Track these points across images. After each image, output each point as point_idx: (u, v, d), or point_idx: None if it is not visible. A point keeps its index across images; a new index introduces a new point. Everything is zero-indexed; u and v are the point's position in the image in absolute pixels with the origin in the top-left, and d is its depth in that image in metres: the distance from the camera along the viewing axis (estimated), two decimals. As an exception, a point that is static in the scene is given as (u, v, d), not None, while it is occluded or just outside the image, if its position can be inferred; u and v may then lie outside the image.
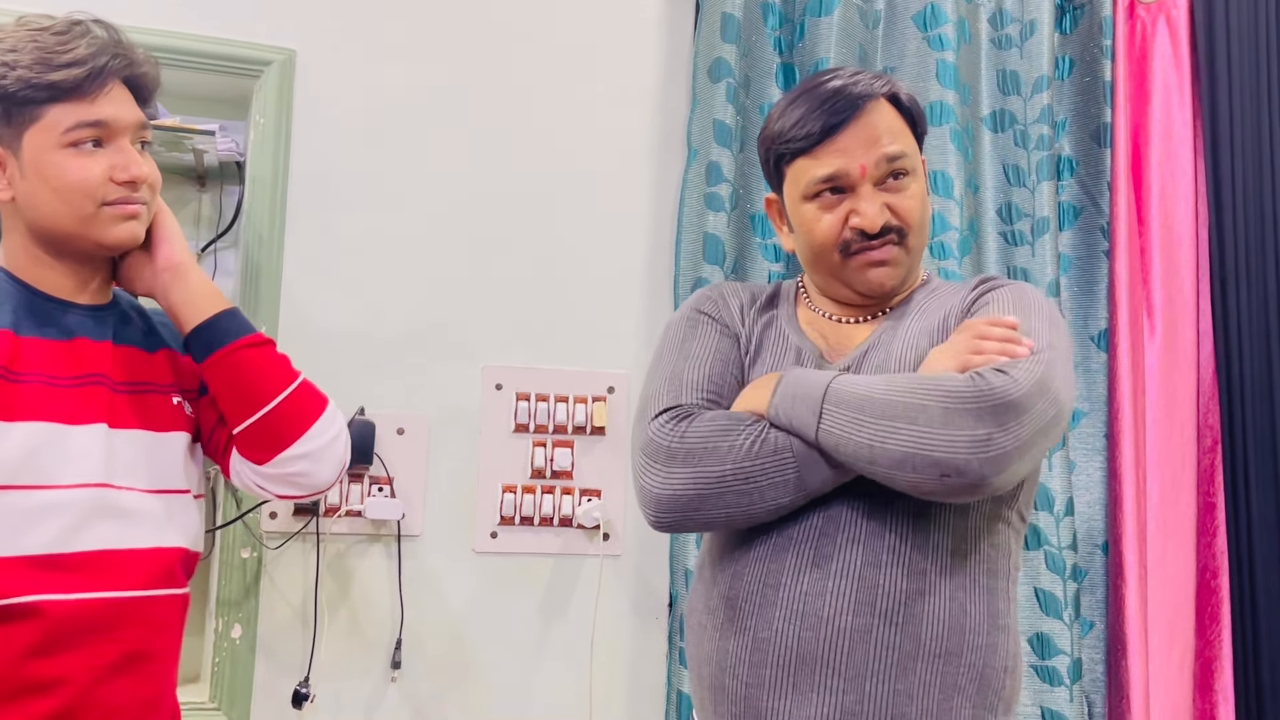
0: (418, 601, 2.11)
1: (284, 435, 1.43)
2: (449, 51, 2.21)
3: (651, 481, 1.40)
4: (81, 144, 1.32)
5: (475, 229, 2.20)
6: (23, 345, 1.32)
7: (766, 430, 1.36)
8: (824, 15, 2.28)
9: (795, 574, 1.35)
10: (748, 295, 1.59)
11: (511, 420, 2.19)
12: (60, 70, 1.30)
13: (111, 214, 1.34)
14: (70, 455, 1.31)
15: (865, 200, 1.44)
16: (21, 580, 1.25)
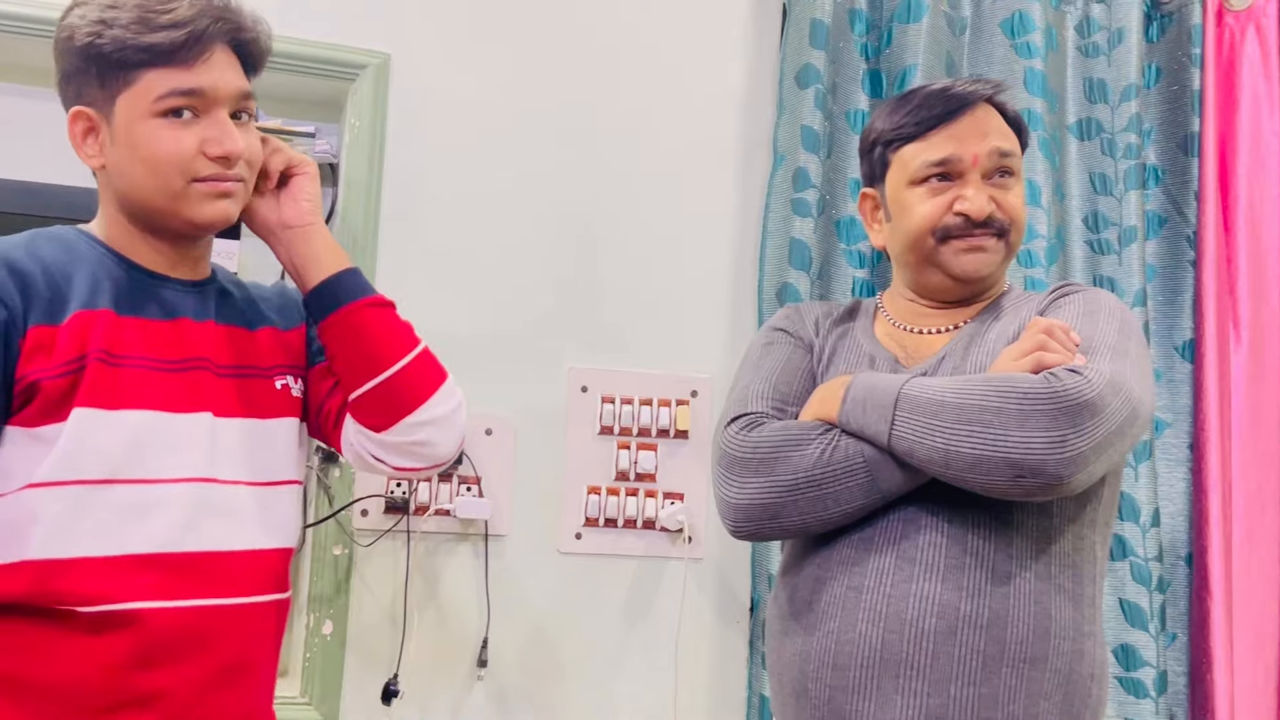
0: (504, 601, 2.13)
1: (407, 400, 1.34)
2: (539, 57, 2.23)
3: (728, 491, 1.43)
4: (175, 113, 1.22)
5: (563, 232, 2.22)
6: (124, 325, 1.24)
7: (837, 438, 1.38)
8: (912, 22, 2.28)
9: (878, 577, 1.36)
10: (825, 309, 1.63)
11: (596, 422, 2.21)
12: (159, 32, 1.20)
13: (202, 191, 1.24)
14: (174, 447, 1.24)
15: (973, 187, 1.46)
16: (122, 584, 1.19)
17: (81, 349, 1.19)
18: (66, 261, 1.23)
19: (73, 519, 1.17)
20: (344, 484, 2.05)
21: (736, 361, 2.23)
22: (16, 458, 1.17)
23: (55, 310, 1.19)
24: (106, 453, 1.19)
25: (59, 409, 1.17)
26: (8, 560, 1.16)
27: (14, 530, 1.16)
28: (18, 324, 1.16)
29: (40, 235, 1.26)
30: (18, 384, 1.17)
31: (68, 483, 1.17)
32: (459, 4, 2.20)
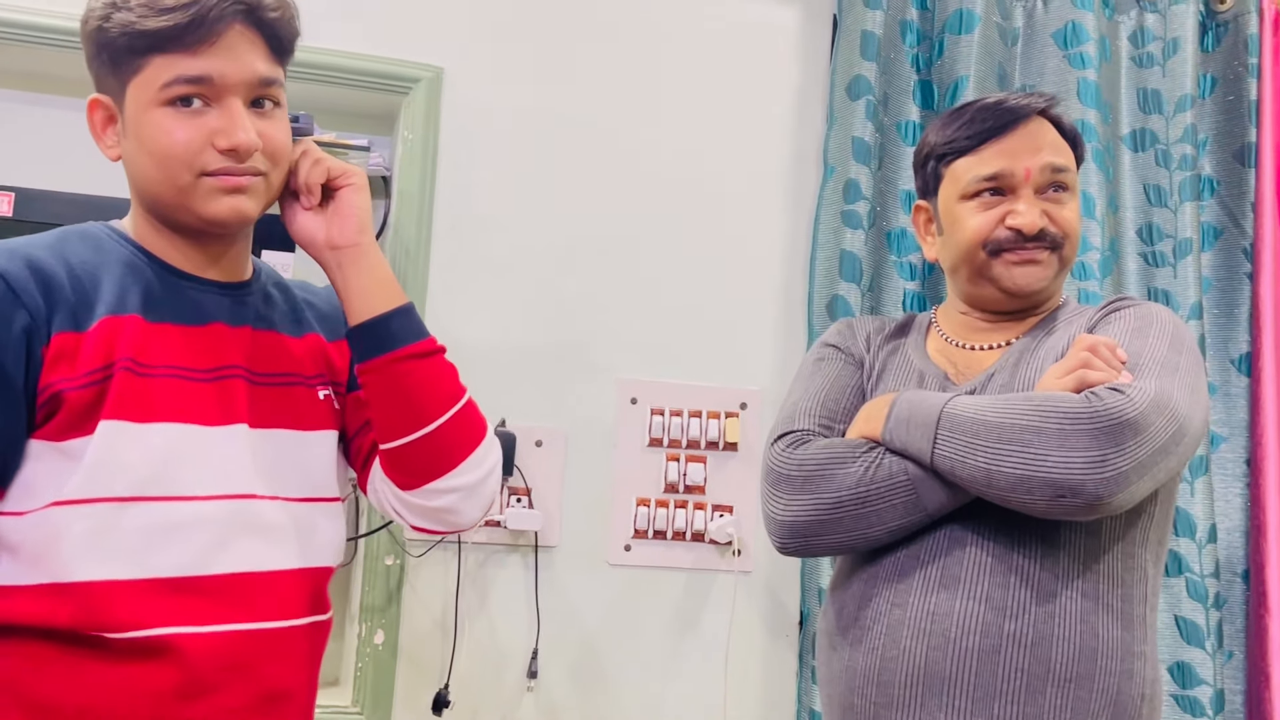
0: (554, 612, 2.13)
1: (438, 463, 1.24)
2: (590, 70, 2.24)
3: (773, 508, 1.44)
4: (183, 102, 1.13)
5: (613, 245, 2.22)
6: (154, 332, 1.15)
7: (881, 456, 1.38)
8: (964, 33, 2.27)
9: (923, 594, 1.36)
10: (877, 324, 1.63)
11: (646, 434, 2.21)
12: (164, 15, 1.10)
13: (211, 186, 1.14)
14: (208, 462, 1.15)
15: (1025, 202, 1.45)
16: (154, 609, 1.11)
17: (108, 357, 1.11)
18: (95, 263, 1.16)
19: (100, 539, 1.10)
20: (396, 494, 2.06)
21: (787, 373, 2.24)
22: (42, 473, 1.10)
23: (81, 315, 1.12)
24: (135, 469, 1.11)
25: (85, 422, 1.10)
26: (34, 581, 1.10)
27: (40, 550, 1.10)
28: (41, 330, 1.09)
29: (70, 234, 1.19)
30: (41, 394, 1.09)
31: (94, 500, 1.10)
32: (511, 18, 2.21)
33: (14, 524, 1.10)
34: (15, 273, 1.09)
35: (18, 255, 1.11)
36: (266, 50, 1.17)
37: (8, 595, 1.10)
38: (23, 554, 1.10)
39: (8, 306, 1.08)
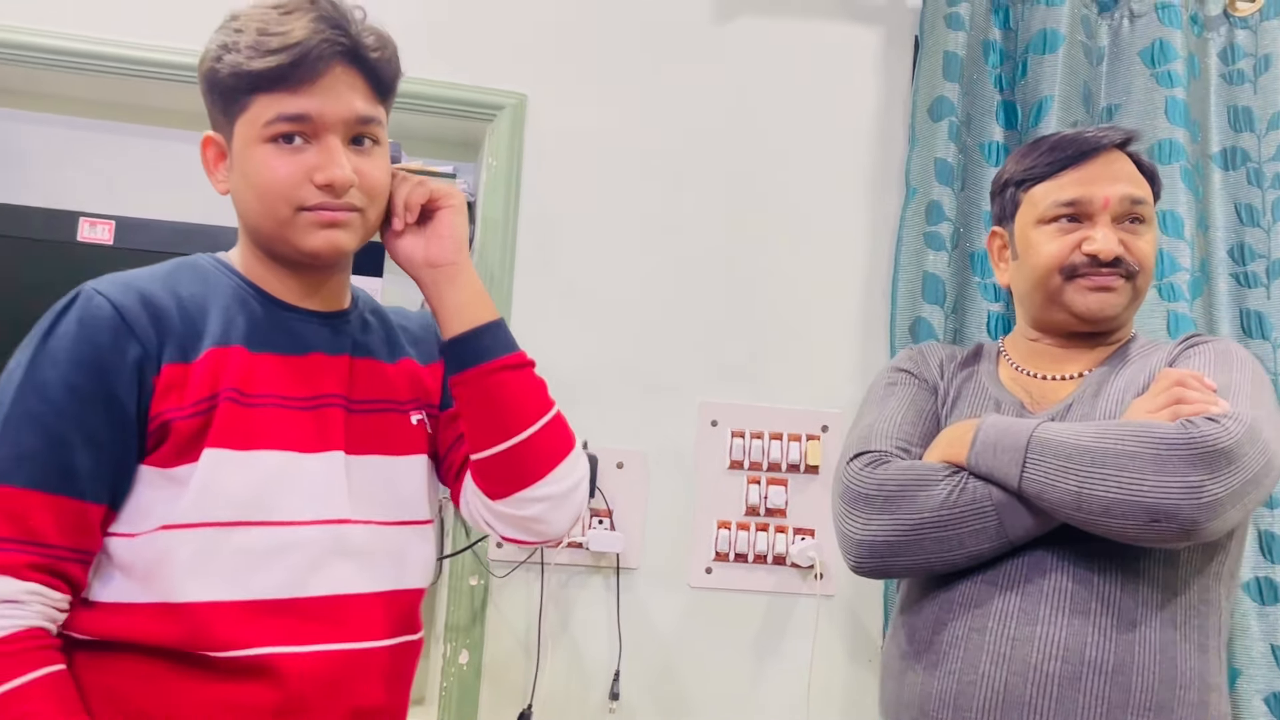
0: (635, 633, 2.14)
1: (527, 472, 1.27)
2: (672, 94, 2.26)
3: (850, 527, 1.43)
4: (285, 139, 1.17)
5: (694, 267, 2.24)
6: (256, 363, 1.20)
7: (965, 480, 1.38)
8: (1047, 53, 2.25)
9: (1001, 619, 1.35)
10: (948, 352, 1.64)
11: (726, 457, 2.21)
12: (269, 56, 1.15)
13: (310, 220, 1.18)
14: (306, 488, 1.20)
15: (1102, 230, 1.47)
16: (254, 629, 1.14)
17: (213, 388, 1.16)
18: (202, 295, 1.21)
19: (204, 562, 1.14)
20: (480, 516, 2.09)
21: (868, 396, 2.23)
22: (151, 497, 1.15)
23: (189, 347, 1.17)
24: (237, 495, 1.16)
25: (191, 449, 1.15)
26: (144, 600, 1.14)
27: (150, 570, 1.14)
28: (152, 362, 1.14)
29: (180, 266, 1.24)
30: (151, 422, 1.14)
31: (199, 525, 1.14)
32: (593, 45, 2.24)
33: (126, 545, 1.15)
34: (129, 306, 1.14)
35: (131, 289, 1.16)
36: (367, 89, 1.21)
37: (120, 612, 1.14)
38: (134, 573, 1.15)
39: (122, 339, 1.13)
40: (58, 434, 1.11)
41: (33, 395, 1.11)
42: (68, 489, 1.11)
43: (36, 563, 1.09)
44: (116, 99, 2.13)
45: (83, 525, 1.12)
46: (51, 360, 1.12)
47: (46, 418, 1.11)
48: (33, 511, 1.09)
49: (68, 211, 1.99)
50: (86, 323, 1.13)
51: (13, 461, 1.10)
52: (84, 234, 1.98)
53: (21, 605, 1.09)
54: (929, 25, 2.28)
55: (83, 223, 1.98)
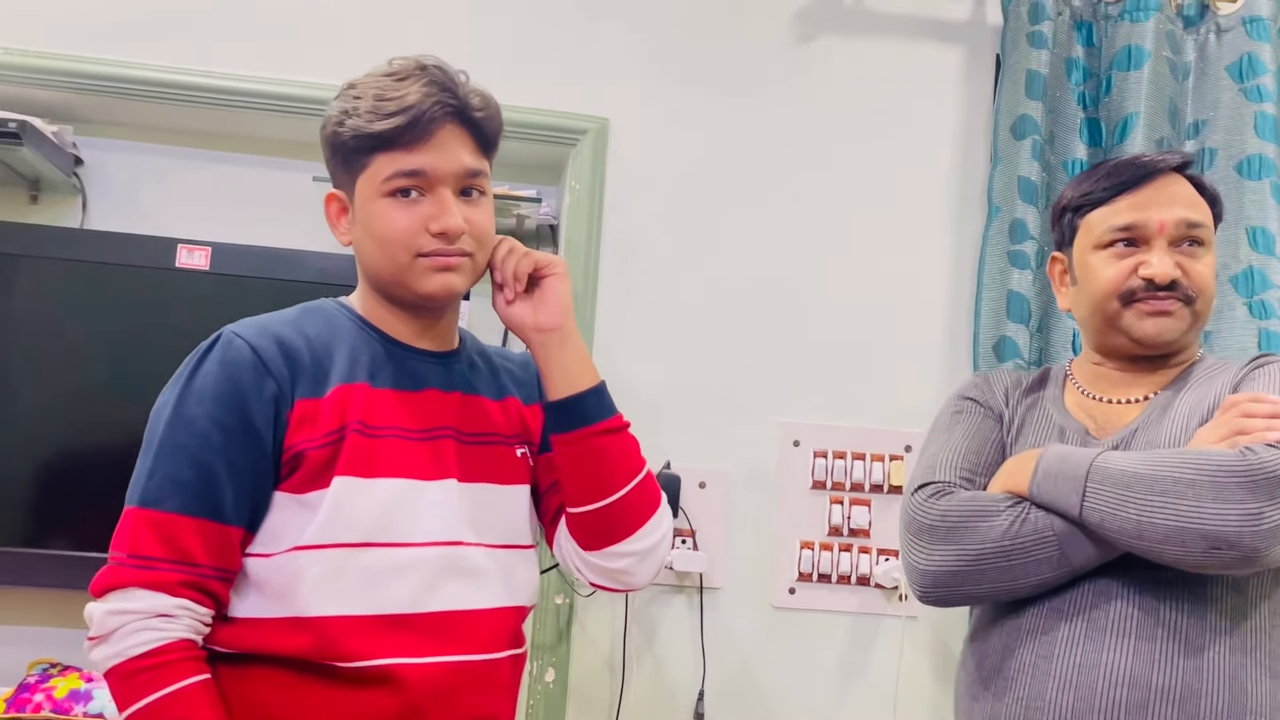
0: (719, 653, 2.15)
1: (618, 529, 1.38)
2: (752, 115, 2.28)
3: (916, 557, 1.45)
4: (402, 193, 1.29)
5: (776, 287, 2.25)
6: (378, 398, 1.31)
7: (1027, 511, 1.39)
8: (1132, 69, 2.23)
9: (1068, 645, 1.36)
10: (1014, 379, 1.65)
11: (809, 477, 2.21)
12: (386, 119, 1.27)
13: (426, 265, 1.30)
14: (423, 512, 1.30)
15: (1158, 254, 1.48)
16: (378, 642, 1.25)
17: (341, 420, 1.27)
18: (329, 336, 1.33)
19: (332, 580, 1.25)
20: (565, 535, 2.12)
21: (952, 416, 2.22)
22: (285, 521, 1.26)
23: (319, 384, 1.29)
24: (363, 518, 1.26)
25: (321, 477, 1.26)
26: (278, 615, 1.25)
27: (283, 588, 1.25)
28: (287, 398, 1.26)
29: (308, 311, 1.37)
30: (286, 453, 1.26)
31: (328, 546, 1.25)
32: (674, 69, 2.26)
33: (262, 564, 1.26)
34: (265, 348, 1.27)
35: (267, 332, 1.29)
36: (474, 145, 1.34)
37: (256, 626, 1.26)
38: (268, 591, 1.26)
39: (260, 378, 1.26)
40: (205, 464, 1.23)
41: (182, 429, 1.24)
42: (213, 514, 1.23)
43: (186, 580, 1.21)
44: (213, 129, 2.20)
45: (225, 547, 1.24)
46: (197, 397, 1.25)
47: (194, 449, 1.23)
48: (183, 534, 1.22)
49: (166, 238, 2.06)
50: (228, 363, 1.26)
51: (166, 489, 1.23)
52: (182, 260, 2.05)
53: (173, 619, 1.20)
54: (1011, 44, 2.27)
55: (181, 249, 2.05)
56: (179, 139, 2.22)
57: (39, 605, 2.07)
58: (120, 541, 1.23)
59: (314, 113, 2.09)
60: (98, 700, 1.85)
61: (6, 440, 1.99)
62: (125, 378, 2.01)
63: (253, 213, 2.20)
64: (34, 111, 2.03)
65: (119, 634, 1.19)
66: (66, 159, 2.11)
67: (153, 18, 2.12)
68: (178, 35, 2.12)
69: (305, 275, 2.04)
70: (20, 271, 2.02)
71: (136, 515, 1.23)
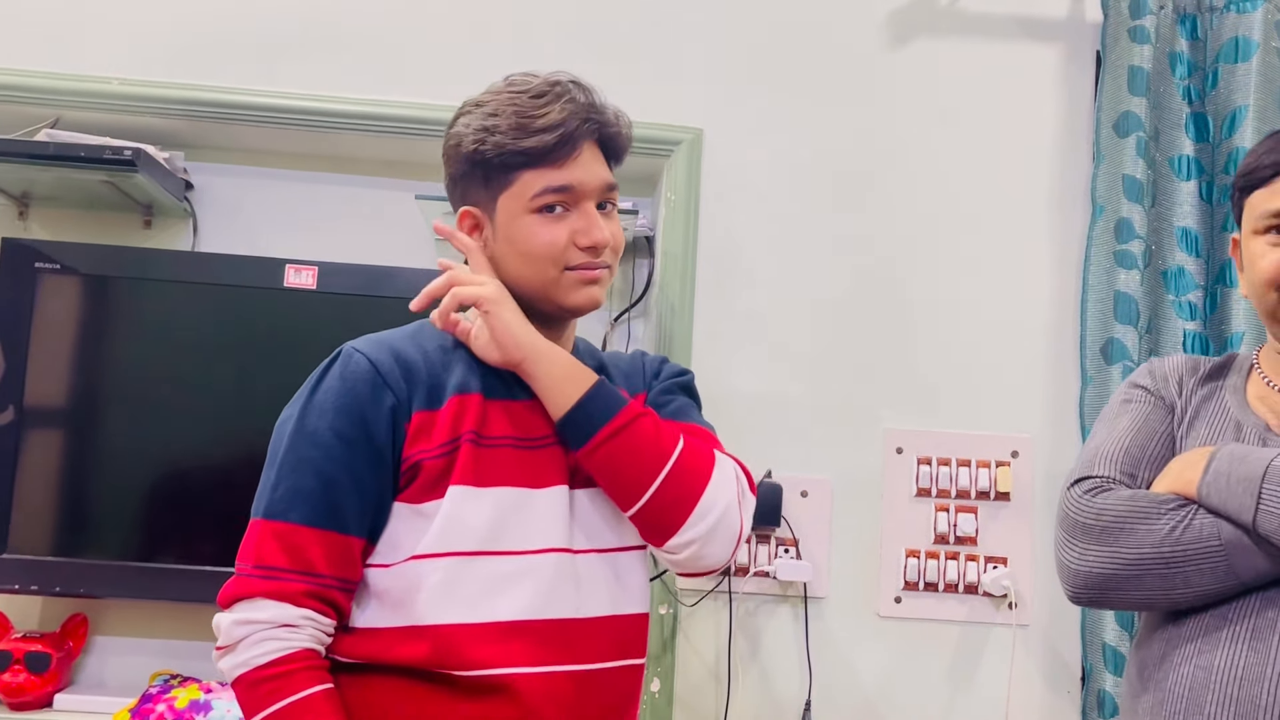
0: (825, 663, 2.13)
1: (668, 521, 1.32)
2: (846, 120, 2.26)
3: (1067, 556, 1.37)
4: (549, 209, 1.32)
5: (875, 293, 2.23)
6: (491, 409, 1.32)
7: (1191, 515, 1.29)
8: (1240, 61, 2.17)
9: (1230, 657, 1.27)
10: (1190, 365, 1.51)
11: (913, 484, 2.18)
12: (534, 136, 1.29)
13: (573, 279, 1.33)
14: (536, 521, 1.31)
15: None
16: (495, 650, 1.25)
17: (456, 431, 1.29)
18: (445, 349, 1.35)
19: (450, 588, 1.26)
20: (667, 545, 2.11)
21: (1059, 420, 2.19)
22: (403, 531, 1.28)
23: (434, 396, 1.30)
24: (478, 527, 1.27)
25: (437, 486, 1.28)
26: (397, 624, 1.27)
27: (402, 596, 1.26)
28: (405, 410, 1.29)
29: (425, 327, 1.39)
30: (404, 463, 1.28)
31: (445, 554, 1.26)
32: (767, 77, 2.26)
33: (381, 574, 1.28)
34: (384, 361, 1.30)
35: (384, 346, 1.32)
36: (606, 160, 1.38)
37: (376, 636, 1.28)
38: (387, 600, 1.28)
39: (380, 391, 1.28)
40: (327, 475, 1.26)
41: (304, 442, 1.27)
42: (335, 525, 1.26)
43: (310, 590, 1.23)
44: (316, 150, 2.25)
45: (347, 557, 1.27)
46: (319, 411, 1.28)
47: (317, 461, 1.26)
48: (306, 545, 1.24)
49: (274, 259, 2.10)
50: (348, 378, 1.29)
51: (290, 500, 1.25)
52: (289, 280, 2.09)
53: (298, 629, 1.23)
54: (1112, 40, 2.23)
55: (288, 269, 2.09)
56: (284, 161, 2.27)
57: (158, 618, 2.14)
58: (246, 553, 1.26)
59: (413, 132, 2.14)
60: (216, 710, 1.90)
61: (126, 458, 2.05)
62: (237, 395, 2.06)
63: (356, 232, 2.25)
64: (146, 139, 2.10)
65: (245, 643, 1.22)
66: (178, 184, 2.18)
67: (256, 46, 2.18)
68: (280, 61, 2.18)
69: (408, 291, 2.05)
70: (136, 294, 2.08)
71: (262, 527, 1.26)
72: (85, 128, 2.10)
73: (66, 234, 2.21)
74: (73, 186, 2.11)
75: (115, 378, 2.07)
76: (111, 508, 2.06)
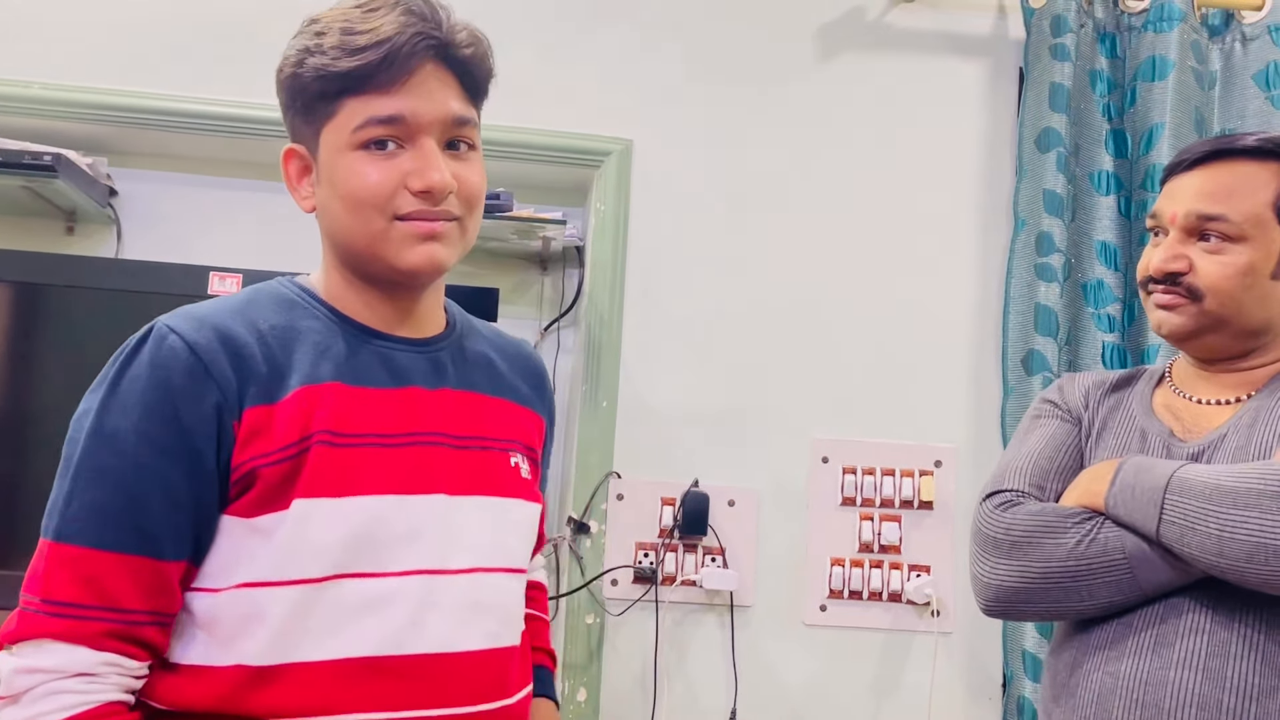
0: (751, 672, 2.14)
1: None
2: (774, 133, 2.29)
3: (979, 569, 1.39)
4: (378, 145, 1.07)
5: (801, 305, 2.25)
6: (350, 399, 1.08)
7: (1097, 529, 1.32)
8: (1157, 80, 2.22)
9: (1135, 661, 1.29)
10: (1098, 379, 1.54)
11: (839, 493, 2.21)
12: (354, 55, 1.05)
13: (405, 232, 1.07)
14: (405, 535, 1.08)
15: (1164, 247, 1.38)
16: (343, 691, 1.03)
17: (304, 429, 1.04)
18: (285, 327, 1.09)
19: (296, 621, 1.03)
20: (595, 554, 2.12)
21: (982, 430, 2.23)
22: (234, 550, 1.04)
23: (273, 387, 1.05)
24: (330, 547, 1.04)
25: (279, 498, 1.03)
26: (227, 663, 1.03)
27: (234, 630, 1.03)
28: (232, 407, 1.03)
29: (259, 295, 1.12)
30: (234, 473, 1.03)
31: (289, 583, 1.03)
32: (696, 89, 2.28)
33: (209, 601, 1.04)
34: (204, 344, 1.03)
35: (207, 324, 1.05)
36: (460, 90, 1.12)
37: (202, 676, 1.04)
38: (217, 632, 1.04)
39: (198, 383, 1.02)
40: (132, 489, 1.01)
41: (103, 447, 1.02)
42: (145, 548, 1.01)
43: (114, 630, 0.99)
44: (241, 157, 2.23)
45: (162, 586, 1.02)
46: (122, 407, 1.02)
47: (119, 471, 1.01)
48: (108, 574, 0.99)
49: (199, 266, 2.08)
50: (159, 365, 1.02)
51: (85, 520, 1.00)
52: (214, 287, 2.07)
53: (98, 679, 0.99)
54: (1034, 57, 2.27)
55: (213, 276, 2.07)
56: (208, 167, 2.25)
57: None
58: (33, 583, 1.00)
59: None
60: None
61: (52, 468, 2.02)
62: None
63: (281, 238, 2.23)
64: (68, 144, 2.07)
65: (30, 696, 0.97)
66: (101, 190, 2.15)
67: (179, 51, 2.16)
68: (203, 66, 2.16)
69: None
70: (58, 302, 2.05)
71: (52, 551, 1.00)
72: (5, 132, 2.06)
73: (-14, 240, 2.18)
74: (-9, 192, 2.08)
75: (37, 385, 2.04)
76: (36, 515, 2.02)
